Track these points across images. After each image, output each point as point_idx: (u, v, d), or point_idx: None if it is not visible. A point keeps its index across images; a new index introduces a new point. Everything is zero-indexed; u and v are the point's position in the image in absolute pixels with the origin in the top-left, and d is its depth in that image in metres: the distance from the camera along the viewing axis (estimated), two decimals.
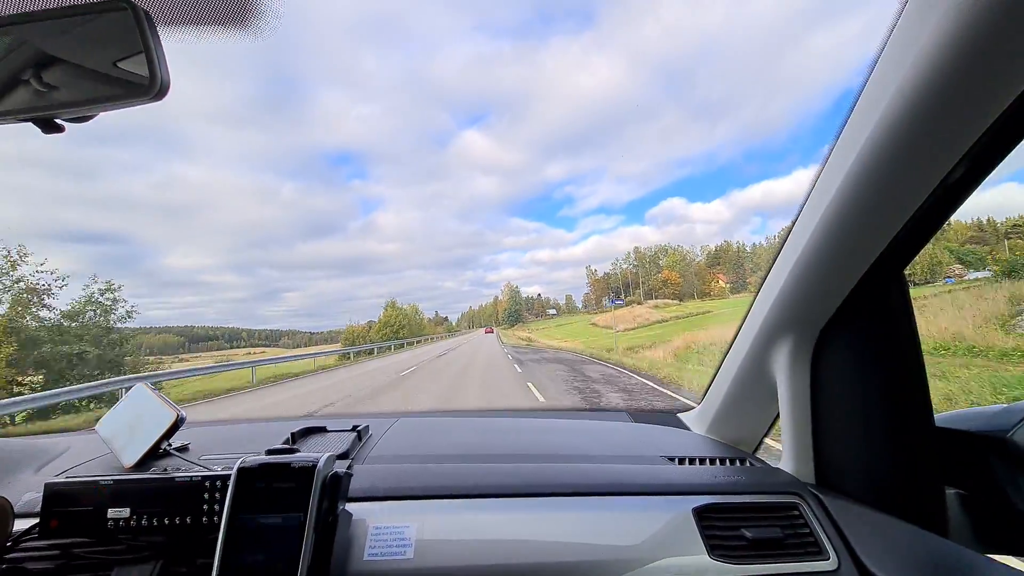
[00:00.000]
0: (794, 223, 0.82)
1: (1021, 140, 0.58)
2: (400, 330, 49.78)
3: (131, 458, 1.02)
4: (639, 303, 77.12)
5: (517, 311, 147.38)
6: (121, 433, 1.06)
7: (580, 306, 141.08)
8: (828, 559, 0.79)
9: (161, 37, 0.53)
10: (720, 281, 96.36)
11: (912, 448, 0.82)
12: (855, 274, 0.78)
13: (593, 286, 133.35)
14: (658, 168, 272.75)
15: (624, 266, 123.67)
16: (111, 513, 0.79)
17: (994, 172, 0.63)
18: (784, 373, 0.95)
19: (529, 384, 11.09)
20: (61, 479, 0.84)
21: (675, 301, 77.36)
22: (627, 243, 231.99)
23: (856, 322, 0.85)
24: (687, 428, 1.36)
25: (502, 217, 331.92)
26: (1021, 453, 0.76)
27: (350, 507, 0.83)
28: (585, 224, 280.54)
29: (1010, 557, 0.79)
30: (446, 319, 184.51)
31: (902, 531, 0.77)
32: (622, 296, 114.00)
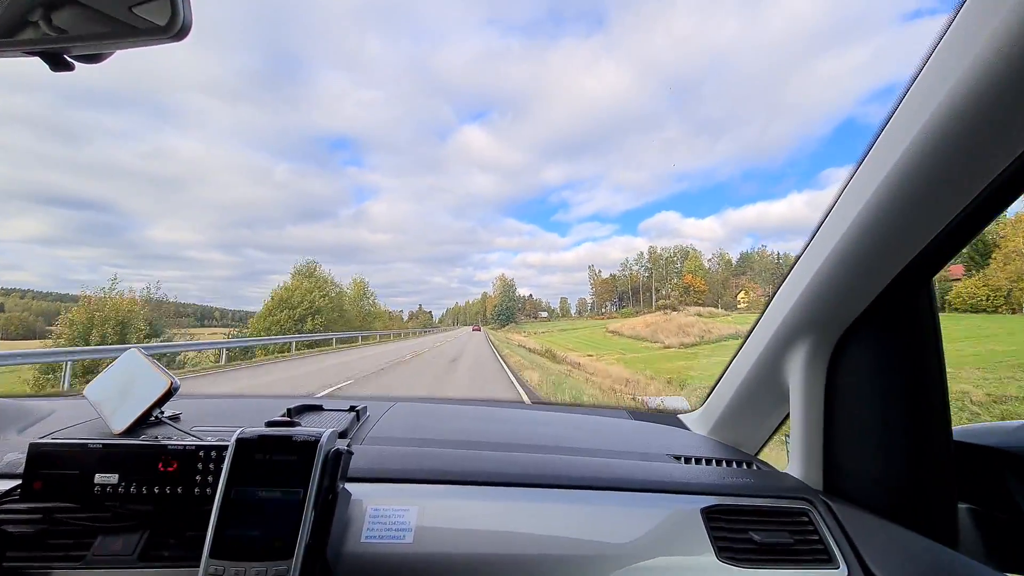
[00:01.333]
0: (821, 224, 0.81)
1: None
2: (311, 317, 27.79)
3: (120, 424, 0.98)
4: (674, 309, 57.83)
5: (510, 309, 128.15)
6: (111, 398, 1.02)
7: (574, 311, 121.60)
8: (838, 567, 0.79)
9: None
10: (754, 291, 77.01)
11: (927, 460, 0.82)
12: (883, 279, 0.77)
13: (596, 288, 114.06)
14: (656, 180, 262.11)
15: (634, 268, 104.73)
16: (99, 478, 0.76)
17: None
18: (798, 376, 0.94)
19: None
20: (47, 440, 0.81)
21: (721, 310, 58.03)
22: (620, 252, 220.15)
23: (879, 327, 0.85)
24: (687, 429, 1.34)
25: (496, 216, 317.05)
26: None
27: (348, 487, 0.83)
28: (579, 230, 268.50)
29: None
30: (429, 314, 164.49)
31: (915, 543, 0.77)
32: (630, 301, 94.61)
